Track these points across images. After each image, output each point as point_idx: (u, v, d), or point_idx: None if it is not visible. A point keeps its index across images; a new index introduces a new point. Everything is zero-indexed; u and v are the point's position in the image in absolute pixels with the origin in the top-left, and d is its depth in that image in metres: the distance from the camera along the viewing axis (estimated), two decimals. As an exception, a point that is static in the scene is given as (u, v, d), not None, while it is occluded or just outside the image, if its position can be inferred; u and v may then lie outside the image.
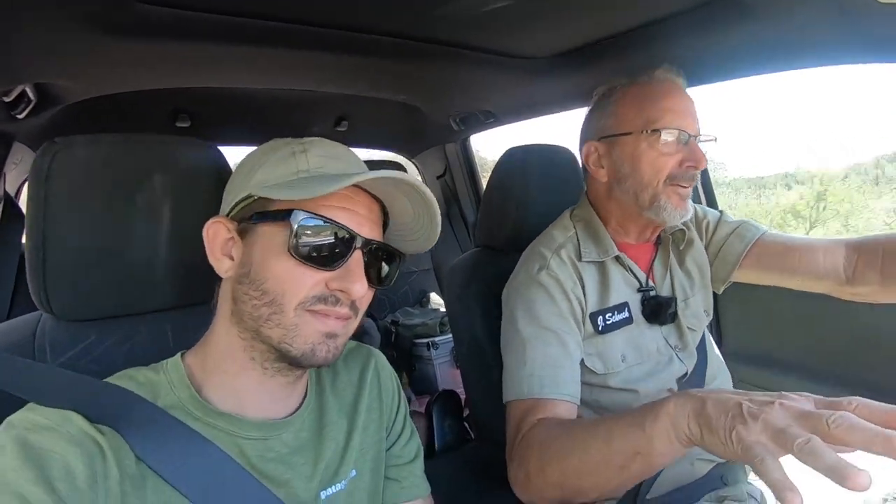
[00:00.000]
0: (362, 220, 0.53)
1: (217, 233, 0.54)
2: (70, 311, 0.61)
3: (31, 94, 1.11)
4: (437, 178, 2.54)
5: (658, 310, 0.87)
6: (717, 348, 0.98)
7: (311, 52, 1.16)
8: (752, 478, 0.92)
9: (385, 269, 0.58)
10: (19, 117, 1.16)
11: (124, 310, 0.64)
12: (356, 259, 0.52)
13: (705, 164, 0.81)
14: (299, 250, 0.49)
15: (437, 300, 2.22)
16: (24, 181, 1.74)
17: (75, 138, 0.60)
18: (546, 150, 1.11)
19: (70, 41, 0.92)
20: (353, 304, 0.53)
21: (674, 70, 0.85)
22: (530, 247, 0.92)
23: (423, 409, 1.29)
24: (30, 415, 0.44)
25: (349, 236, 0.51)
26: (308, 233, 0.50)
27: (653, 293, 0.89)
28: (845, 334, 1.13)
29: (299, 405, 0.58)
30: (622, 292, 0.87)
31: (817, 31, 0.88)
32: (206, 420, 0.51)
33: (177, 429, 0.48)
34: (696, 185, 1.40)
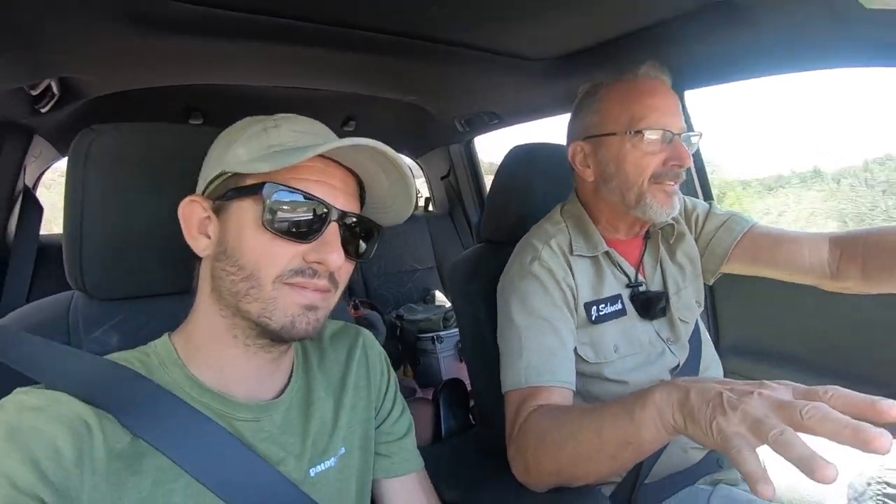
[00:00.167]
0: (337, 192, 0.52)
1: (192, 212, 0.53)
2: (102, 290, 0.65)
3: (55, 89, 1.16)
4: (441, 178, 2.58)
5: (648, 305, 0.88)
6: (710, 342, 1.00)
7: (322, 50, 1.20)
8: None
9: (363, 242, 0.58)
10: (42, 111, 1.20)
11: (152, 290, 0.68)
12: (332, 230, 0.51)
13: (690, 162, 0.81)
14: (273, 224, 0.49)
15: (440, 297, 2.26)
16: (42, 174, 1.78)
17: (109, 126, 0.63)
18: (549, 149, 1.14)
19: (102, 35, 0.96)
20: (332, 277, 0.53)
21: (657, 67, 0.84)
22: (523, 239, 0.93)
23: (431, 397, 1.32)
24: (20, 397, 0.44)
25: (324, 208, 0.51)
26: (281, 206, 0.49)
27: (642, 289, 0.90)
28: (841, 327, 1.16)
29: (286, 385, 0.58)
30: (614, 286, 0.88)
31: (812, 35, 0.91)
32: (200, 400, 0.51)
33: (176, 405, 0.49)
34: (693, 181, 1.43)
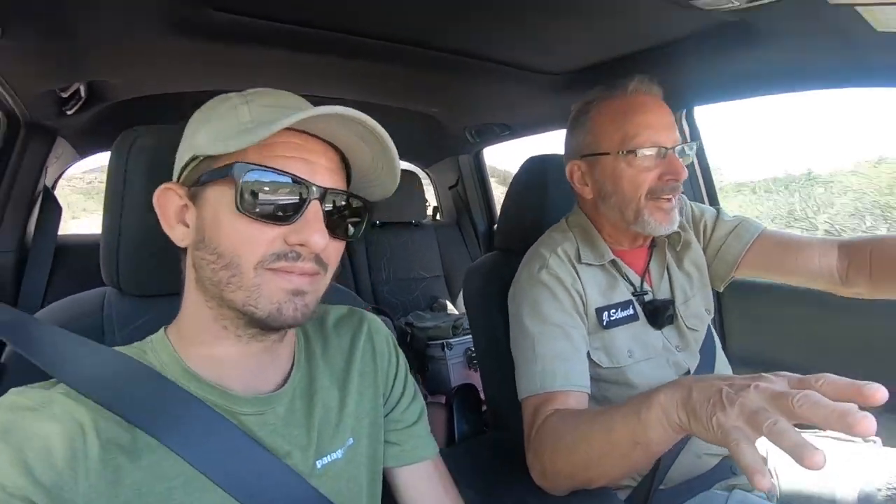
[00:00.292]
0: (316, 167, 0.49)
1: (168, 200, 0.51)
2: (136, 287, 0.66)
3: (82, 92, 1.19)
4: (450, 188, 2.60)
5: (655, 313, 0.88)
6: (722, 351, 1.02)
7: (339, 59, 1.23)
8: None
9: (352, 219, 0.54)
10: (69, 113, 1.23)
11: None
12: (313, 210, 0.48)
13: (685, 175, 0.81)
14: (248, 206, 0.46)
15: (447, 306, 2.27)
16: (61, 175, 1.81)
17: (150, 127, 0.66)
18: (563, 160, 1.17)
19: (136, 40, 0.99)
20: (319, 259, 0.49)
21: (647, 82, 0.84)
22: (531, 248, 0.94)
23: (444, 402, 1.33)
24: (13, 397, 0.43)
25: (303, 186, 0.47)
26: (255, 187, 0.46)
27: (647, 297, 0.90)
28: (847, 337, 1.16)
29: (287, 375, 0.56)
30: (624, 293, 0.90)
31: (822, 56, 0.94)
32: (199, 394, 0.49)
33: (179, 397, 0.48)
34: (699, 186, 1.45)
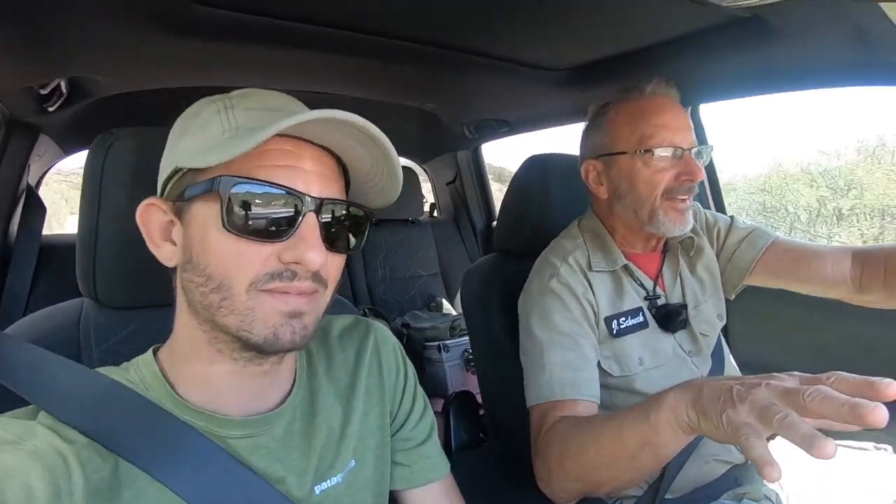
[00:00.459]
0: (311, 176, 0.44)
1: (152, 216, 0.47)
2: (114, 299, 0.63)
3: (63, 88, 1.14)
4: (447, 184, 2.56)
5: (668, 317, 0.88)
6: (731, 357, 1.00)
7: (334, 55, 1.19)
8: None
9: (352, 230, 0.50)
10: (50, 110, 1.18)
11: (166, 299, 0.66)
12: (308, 224, 0.44)
13: (702, 176, 0.82)
14: (237, 223, 0.42)
15: (444, 305, 2.23)
16: (45, 173, 1.75)
17: (129, 130, 0.61)
18: (567, 160, 1.13)
19: (116, 36, 0.94)
20: (318, 276, 0.45)
21: (665, 84, 0.85)
22: (541, 256, 0.94)
23: (441, 409, 1.30)
24: None
25: (295, 198, 0.43)
26: (244, 201, 0.42)
27: (661, 301, 0.90)
28: (853, 346, 1.15)
29: (288, 393, 0.52)
30: (634, 300, 0.89)
31: (836, 54, 0.91)
32: (185, 418, 0.46)
33: (164, 422, 0.45)
34: (705, 187, 1.42)
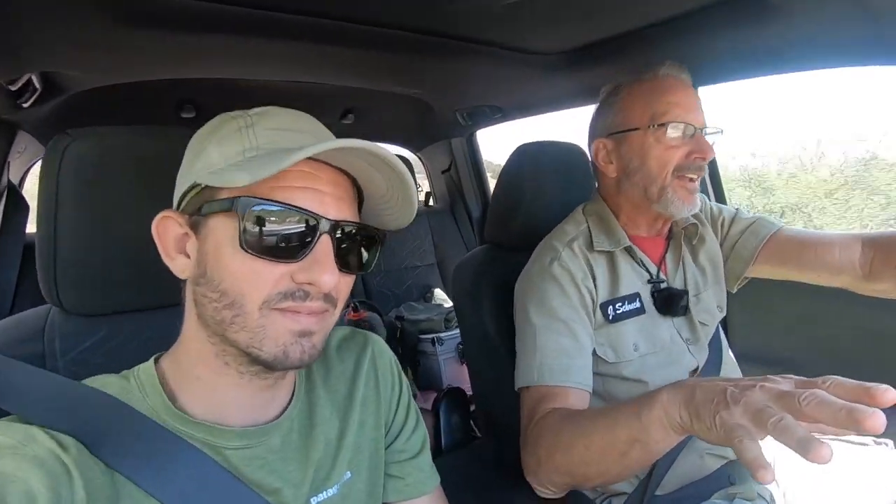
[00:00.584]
0: (327, 199, 0.46)
1: (167, 228, 0.48)
2: (80, 306, 0.60)
3: (36, 83, 1.10)
4: (442, 172, 2.53)
5: (670, 301, 0.88)
6: (729, 348, 0.98)
7: (317, 45, 1.15)
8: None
9: (364, 251, 0.51)
10: (24, 106, 1.15)
11: (136, 304, 0.63)
12: (323, 245, 0.45)
13: (712, 154, 0.83)
14: (253, 243, 0.43)
15: (441, 295, 2.22)
16: (28, 170, 1.73)
17: (87, 130, 0.58)
18: (558, 148, 1.09)
19: (81, 29, 0.91)
20: (328, 296, 0.47)
21: (678, 67, 0.86)
22: (543, 240, 0.94)
23: (429, 404, 1.29)
24: None
25: (312, 220, 0.44)
26: (261, 221, 0.43)
27: (663, 285, 0.90)
28: (855, 335, 1.13)
29: (287, 405, 0.53)
30: (633, 283, 0.88)
31: (842, 33, 0.87)
32: (182, 430, 0.46)
33: (156, 434, 0.45)
34: (705, 179, 1.39)
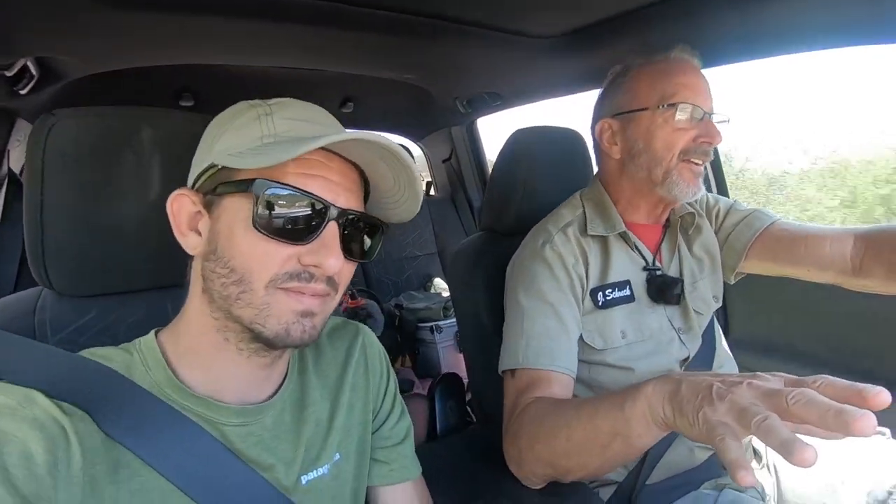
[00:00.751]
0: (337, 188, 0.48)
1: (182, 206, 0.50)
2: (70, 287, 0.61)
3: (32, 69, 1.10)
4: (443, 161, 2.51)
5: (664, 288, 0.87)
6: (724, 338, 0.97)
7: (315, 27, 1.13)
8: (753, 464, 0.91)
9: (367, 241, 0.54)
10: (22, 93, 1.15)
11: (126, 286, 0.63)
12: (331, 231, 0.48)
13: (720, 139, 0.81)
14: (265, 224, 0.46)
15: (440, 284, 2.22)
16: (29, 158, 1.73)
17: (72, 110, 0.58)
18: (554, 133, 1.08)
19: (75, 14, 0.90)
20: (331, 280, 0.49)
21: (689, 51, 0.85)
22: (538, 224, 0.93)
23: (427, 391, 1.29)
24: None
25: (322, 206, 0.47)
26: (275, 204, 0.46)
27: (659, 272, 0.89)
28: (853, 324, 1.12)
29: (279, 385, 0.56)
30: (625, 270, 0.87)
31: (850, 9, 0.84)
32: (183, 404, 0.48)
33: (154, 406, 0.46)
34: (708, 175, 1.37)
